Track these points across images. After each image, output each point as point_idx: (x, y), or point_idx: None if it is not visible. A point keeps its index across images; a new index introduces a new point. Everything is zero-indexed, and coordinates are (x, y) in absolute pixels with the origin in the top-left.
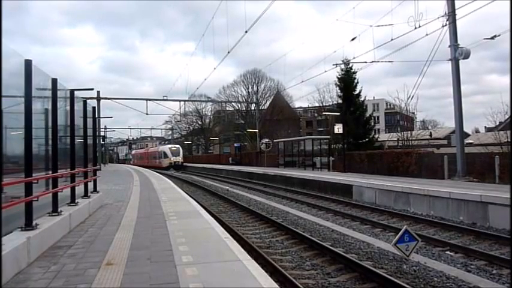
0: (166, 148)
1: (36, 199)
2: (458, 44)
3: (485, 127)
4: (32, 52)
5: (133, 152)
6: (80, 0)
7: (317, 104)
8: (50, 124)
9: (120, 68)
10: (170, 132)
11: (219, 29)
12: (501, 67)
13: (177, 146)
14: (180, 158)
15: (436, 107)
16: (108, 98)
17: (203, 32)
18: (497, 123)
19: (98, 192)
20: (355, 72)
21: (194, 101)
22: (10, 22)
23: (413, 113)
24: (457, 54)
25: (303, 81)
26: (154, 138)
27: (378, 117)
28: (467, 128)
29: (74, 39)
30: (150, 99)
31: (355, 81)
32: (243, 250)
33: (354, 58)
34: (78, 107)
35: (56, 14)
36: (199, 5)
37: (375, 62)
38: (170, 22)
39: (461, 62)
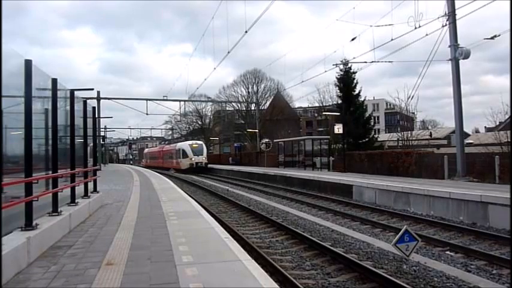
0: (185, 145)
1: (36, 199)
2: (458, 44)
3: (485, 127)
4: (32, 53)
5: (145, 150)
6: (78, 1)
7: (317, 104)
8: (50, 124)
9: (118, 69)
10: (170, 132)
11: (215, 30)
12: (497, 68)
13: (200, 142)
14: (203, 158)
15: (433, 107)
16: (108, 98)
17: (200, 34)
18: (497, 123)
19: (98, 192)
20: (354, 73)
21: (194, 101)
22: (10, 24)
23: (413, 113)
24: (457, 54)
25: (303, 81)
26: (154, 138)
27: (378, 117)
28: (466, 128)
29: (73, 40)
30: (150, 99)
31: (355, 81)
32: (243, 250)
33: (354, 58)
34: (78, 107)
35: (54, 16)
36: (195, 7)
37: (374, 62)
38: (166, 24)
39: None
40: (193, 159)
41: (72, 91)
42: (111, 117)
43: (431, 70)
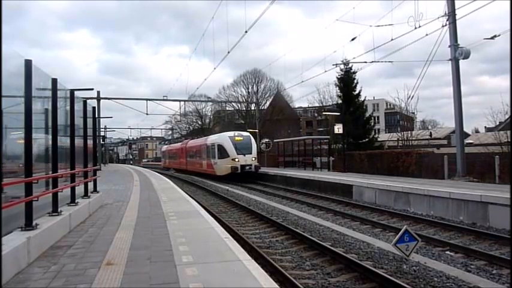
0: (224, 138)
1: (36, 199)
2: (458, 44)
3: (485, 127)
4: (32, 55)
5: (163, 148)
6: (75, 2)
7: (317, 104)
8: (50, 124)
9: (117, 70)
10: (170, 132)
11: (211, 32)
12: (492, 69)
13: (246, 133)
14: (252, 158)
15: (430, 107)
16: (108, 98)
17: (194, 36)
18: (497, 123)
19: (98, 192)
20: (354, 73)
21: (194, 101)
22: (10, 26)
23: (413, 113)
24: (457, 54)
25: (302, 81)
26: (154, 138)
27: (378, 117)
28: (466, 128)
29: (72, 42)
30: (150, 99)
31: (355, 81)
32: (243, 250)
33: (354, 58)
34: (78, 107)
35: (53, 18)
36: (190, 10)
37: (375, 62)
38: (163, 26)
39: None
40: (236, 159)
41: (72, 91)
42: (111, 117)
43: (428, 71)
